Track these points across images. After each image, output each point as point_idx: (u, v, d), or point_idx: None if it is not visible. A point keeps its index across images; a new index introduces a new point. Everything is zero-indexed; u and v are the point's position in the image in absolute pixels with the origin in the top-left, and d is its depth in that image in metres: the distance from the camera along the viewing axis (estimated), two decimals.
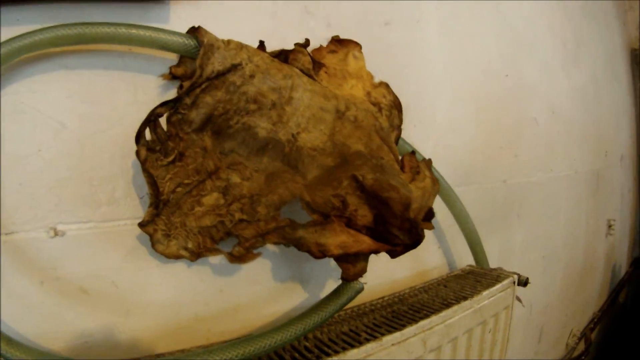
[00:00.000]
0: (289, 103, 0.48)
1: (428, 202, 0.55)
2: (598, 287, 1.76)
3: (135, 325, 0.50)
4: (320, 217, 0.50)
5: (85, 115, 0.46)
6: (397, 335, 0.53)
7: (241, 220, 0.48)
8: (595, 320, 1.68)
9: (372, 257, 0.54)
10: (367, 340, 0.51)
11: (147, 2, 0.49)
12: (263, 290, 0.58)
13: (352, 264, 0.50)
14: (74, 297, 0.47)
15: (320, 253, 0.48)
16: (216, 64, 0.46)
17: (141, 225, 0.47)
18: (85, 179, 0.47)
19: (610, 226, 1.72)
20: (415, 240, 0.51)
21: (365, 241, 0.50)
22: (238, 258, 0.49)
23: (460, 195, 0.77)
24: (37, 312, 0.45)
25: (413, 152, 0.59)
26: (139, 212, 0.49)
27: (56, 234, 0.46)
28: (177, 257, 0.48)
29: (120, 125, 0.47)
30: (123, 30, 0.44)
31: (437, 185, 0.57)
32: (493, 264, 0.85)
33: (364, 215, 0.51)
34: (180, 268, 0.52)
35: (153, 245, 0.47)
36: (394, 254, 0.52)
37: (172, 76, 0.48)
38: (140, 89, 0.49)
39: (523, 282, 0.76)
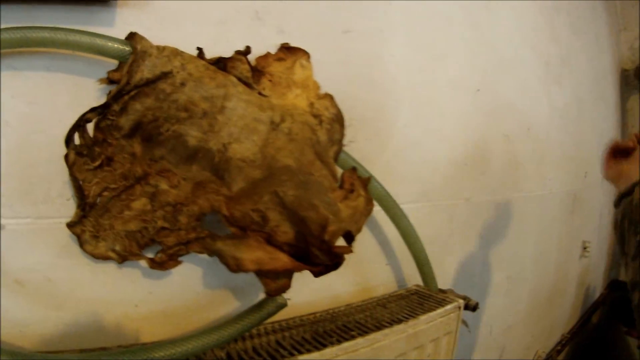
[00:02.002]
0: (221, 112, 0.48)
1: (358, 222, 0.55)
2: (569, 309, 1.76)
3: (67, 319, 0.51)
4: (239, 231, 0.50)
5: (27, 115, 0.47)
6: (315, 355, 0.52)
7: (163, 228, 0.49)
8: (564, 342, 1.68)
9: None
10: (283, 357, 0.50)
11: (94, 6, 0.49)
12: (194, 296, 0.58)
13: (272, 280, 0.50)
14: (11, 288, 0.48)
15: (236, 267, 0.48)
16: (145, 71, 0.46)
17: (69, 225, 0.47)
18: (25, 176, 0.47)
19: (585, 248, 1.72)
20: (335, 262, 0.51)
21: (282, 259, 0.49)
22: (159, 264, 0.49)
23: (415, 213, 0.77)
24: None
25: (354, 169, 0.59)
26: (73, 212, 0.49)
27: None
28: (105, 258, 0.49)
29: (59, 126, 0.48)
30: (61, 35, 0.45)
31: (371, 205, 0.57)
32: (449, 284, 0.85)
33: (285, 232, 0.51)
34: (111, 268, 0.53)
35: (81, 246, 0.48)
36: (315, 274, 0.52)
37: (109, 81, 0.48)
38: (81, 92, 0.49)
39: (472, 307, 0.75)
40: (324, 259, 0.50)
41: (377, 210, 0.70)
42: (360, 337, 0.58)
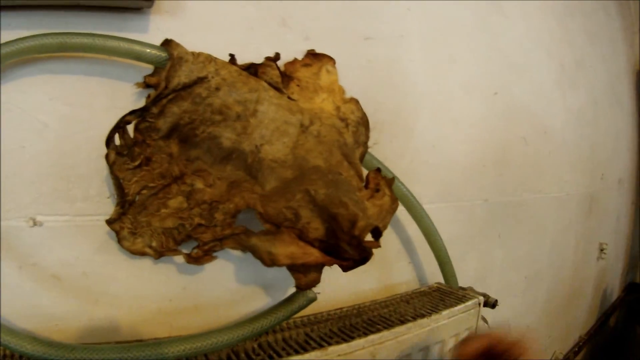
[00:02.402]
0: (254, 115, 0.51)
1: (384, 219, 0.57)
2: (586, 311, 1.75)
3: (102, 314, 0.53)
4: (273, 227, 0.52)
5: (65, 116, 0.49)
6: (343, 347, 0.54)
7: (199, 225, 0.51)
8: (581, 343, 1.67)
9: (337, 267, 0.56)
10: (313, 349, 0.52)
11: (129, 13, 0.51)
12: (225, 291, 0.60)
13: (303, 274, 0.52)
14: (48, 283, 0.50)
15: (271, 262, 0.50)
16: (182, 76, 0.48)
17: (108, 222, 0.50)
18: (64, 175, 0.50)
19: (602, 250, 1.71)
20: (363, 257, 0.53)
21: (314, 254, 0.51)
22: (195, 259, 0.51)
23: (436, 213, 0.79)
24: (14, 294, 0.48)
25: (378, 170, 0.61)
26: (110, 209, 0.51)
27: (35, 224, 0.49)
28: (142, 254, 0.51)
29: (97, 128, 0.50)
30: (100, 41, 0.47)
31: (396, 204, 0.59)
32: (468, 282, 0.86)
33: (316, 228, 0.52)
34: (146, 264, 0.55)
35: (119, 242, 0.50)
36: (344, 268, 0.54)
37: (146, 85, 0.50)
38: (117, 95, 0.51)
39: (491, 304, 0.77)
40: (353, 253, 0.52)
41: (400, 210, 0.71)
42: (385, 330, 0.60)
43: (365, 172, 0.61)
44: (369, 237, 0.56)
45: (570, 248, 1.48)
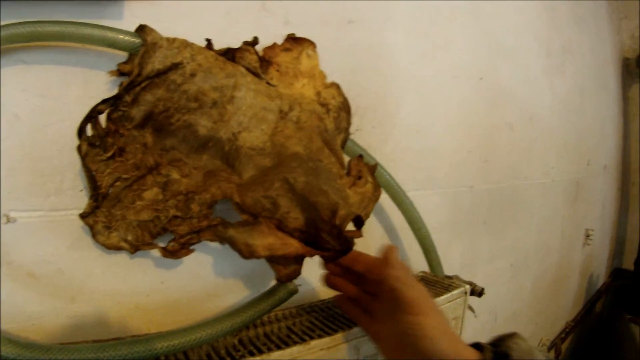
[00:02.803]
0: (230, 102, 0.49)
1: (367, 207, 0.56)
2: (572, 297, 1.78)
3: (80, 311, 0.52)
4: (250, 218, 0.50)
5: (38, 108, 0.47)
6: (326, 341, 0.53)
7: (175, 217, 0.49)
8: (567, 330, 1.69)
9: (318, 258, 0.55)
10: (295, 343, 0.51)
11: (103, 0, 0.49)
12: (205, 285, 0.59)
13: (283, 266, 0.51)
14: (23, 281, 0.48)
15: (249, 253, 0.49)
16: (156, 62, 0.46)
17: (82, 216, 0.48)
18: (36, 169, 0.48)
19: (588, 236, 1.73)
20: (345, 248, 0.52)
21: (293, 244, 0.50)
22: (172, 253, 0.50)
23: (420, 200, 0.78)
24: None
25: (360, 156, 0.59)
26: (85, 203, 0.50)
27: (9, 220, 0.47)
28: (118, 248, 0.49)
29: (70, 118, 0.48)
30: (72, 28, 0.45)
31: (379, 191, 0.58)
32: (454, 270, 0.86)
33: (296, 217, 0.51)
34: (123, 259, 0.53)
35: (94, 236, 0.48)
36: (326, 259, 0.53)
37: (119, 73, 0.49)
38: (91, 85, 0.49)
39: (478, 293, 0.76)
40: (334, 243, 0.51)
41: (383, 197, 0.70)
42: None
43: (347, 159, 0.60)
44: (351, 227, 0.55)
45: (557, 234, 1.49)
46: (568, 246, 1.60)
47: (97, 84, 0.50)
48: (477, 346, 0.47)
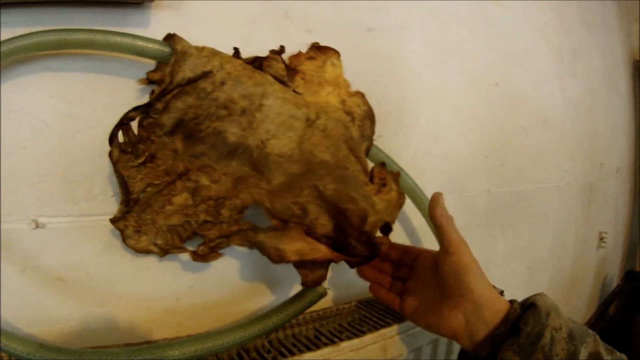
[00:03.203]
0: (259, 110, 0.50)
1: (392, 214, 0.56)
2: (587, 299, 1.76)
3: (108, 315, 0.52)
4: (280, 223, 0.51)
5: (66, 115, 0.48)
6: (355, 342, 0.54)
7: (206, 222, 0.50)
8: None
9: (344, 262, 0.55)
10: (325, 345, 0.52)
11: (129, 8, 0.50)
12: (233, 289, 0.60)
13: (310, 271, 0.52)
14: (52, 286, 0.49)
15: (278, 258, 0.50)
16: (187, 71, 0.47)
17: (112, 221, 0.49)
18: (66, 175, 0.49)
19: (602, 239, 1.72)
20: (372, 253, 0.53)
21: (322, 250, 0.51)
22: (201, 257, 0.51)
23: None
24: (18, 298, 0.48)
25: (383, 164, 0.60)
26: (114, 208, 0.51)
27: (37, 225, 0.48)
28: (147, 252, 0.50)
29: (99, 125, 0.49)
30: (100, 37, 0.46)
31: (403, 199, 0.58)
32: None
33: (324, 224, 0.52)
34: (151, 264, 0.54)
35: (124, 240, 0.49)
36: (352, 264, 0.53)
37: (148, 81, 0.50)
38: (119, 92, 0.51)
39: None
40: (362, 249, 0.52)
41: (407, 202, 0.71)
42: (396, 323, 0.59)
43: (371, 165, 0.61)
44: (378, 233, 0.56)
45: (571, 237, 1.49)
46: (582, 249, 1.59)
47: (125, 92, 0.51)
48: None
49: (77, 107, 0.49)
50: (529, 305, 0.47)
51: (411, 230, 0.80)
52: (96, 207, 0.51)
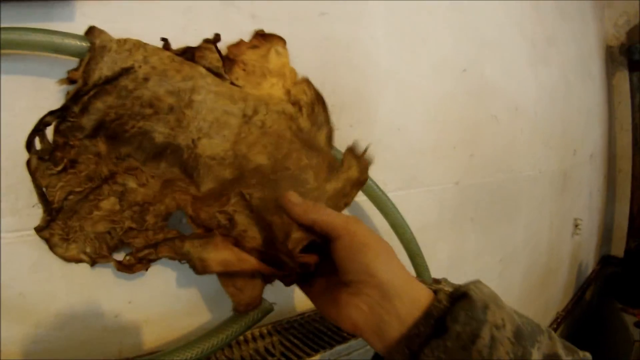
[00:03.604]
0: (189, 106, 0.45)
1: (349, 195, 0.52)
2: (562, 287, 1.77)
3: (46, 336, 0.48)
4: (205, 231, 0.47)
5: None
6: None
7: (131, 229, 0.46)
8: (559, 319, 1.69)
9: None
10: None
11: (55, 1, 0.45)
12: (175, 302, 0.56)
13: (239, 290, 0.47)
14: None
15: (202, 269, 0.45)
16: (104, 69, 0.42)
17: (37, 230, 0.45)
18: None
19: (576, 225, 1.72)
20: (304, 270, 0.46)
21: (249, 261, 0.46)
22: (127, 267, 0.46)
23: (403, 200, 0.75)
24: None
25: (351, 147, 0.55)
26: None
27: None
28: (78, 260, 0.46)
29: (21, 131, 0.44)
30: (16, 35, 0.41)
31: (365, 175, 0.52)
32: (442, 271, 0.83)
33: (254, 237, 0.47)
34: (86, 279, 0.50)
35: (52, 249, 0.45)
36: (286, 282, 0.48)
37: (69, 81, 0.45)
38: (42, 94, 0.45)
39: None
40: (294, 266, 0.46)
41: (363, 200, 0.67)
42: (353, 339, 0.54)
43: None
44: None
45: (545, 226, 1.48)
46: (557, 237, 1.59)
47: (49, 93, 0.46)
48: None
49: None
50: (459, 297, 0.36)
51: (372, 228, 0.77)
52: (22, 222, 0.46)
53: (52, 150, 0.43)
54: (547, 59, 1.38)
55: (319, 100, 0.55)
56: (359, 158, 0.53)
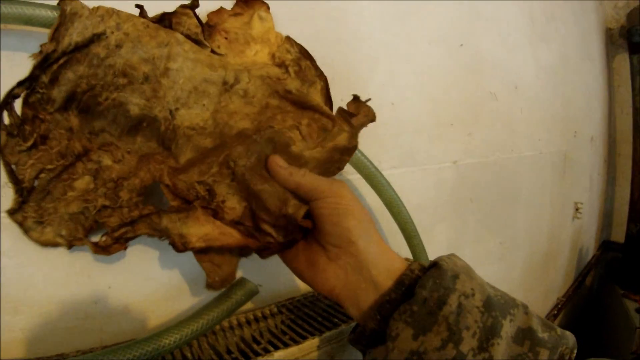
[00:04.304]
0: (165, 75, 0.42)
1: (339, 162, 0.48)
2: (563, 272, 1.75)
3: (24, 324, 0.46)
4: (183, 203, 0.44)
5: None
6: (293, 350, 0.46)
7: (105, 207, 0.43)
8: (560, 305, 1.67)
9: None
10: (257, 355, 0.45)
11: None
12: (158, 287, 0.53)
13: (216, 265, 0.45)
14: None
15: (182, 246, 0.43)
16: (75, 35, 0.39)
17: (9, 213, 0.43)
18: None
19: (577, 209, 1.70)
20: (290, 239, 0.45)
21: (233, 234, 0.44)
22: (103, 248, 0.44)
23: (399, 179, 0.72)
24: None
25: (355, 97, 0.51)
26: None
27: None
28: (54, 244, 0.44)
29: None
30: None
31: (355, 142, 0.49)
32: (440, 254, 0.80)
33: (233, 207, 0.45)
34: (63, 263, 0.47)
35: (26, 233, 0.43)
36: (264, 254, 0.46)
37: (41, 54, 0.42)
38: (16, 69, 0.42)
39: None
40: (278, 236, 0.45)
41: (357, 178, 0.64)
42: (344, 324, 0.52)
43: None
44: None
45: (546, 209, 1.45)
46: (558, 220, 1.56)
47: (22, 68, 0.43)
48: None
49: None
50: (430, 266, 0.38)
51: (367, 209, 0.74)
52: None
53: (21, 124, 0.41)
54: (546, 36, 1.34)
55: (305, 55, 0.51)
56: (350, 122, 0.50)
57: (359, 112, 0.51)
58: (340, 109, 0.50)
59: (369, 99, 0.52)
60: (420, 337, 0.34)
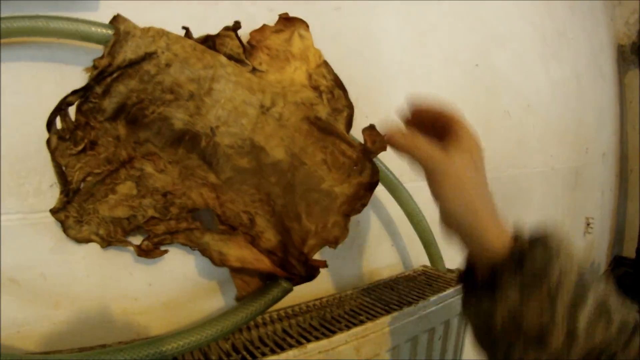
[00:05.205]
0: (209, 94, 0.46)
1: (363, 198, 0.53)
2: None
3: (65, 317, 0.50)
4: (229, 229, 0.49)
5: (13, 106, 0.45)
6: (324, 343, 0.50)
7: (153, 218, 0.47)
8: None
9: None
10: (291, 347, 0.48)
11: None
12: (194, 286, 0.57)
13: (246, 283, 0.51)
14: (5, 288, 0.46)
15: (220, 262, 0.48)
16: (129, 52, 0.44)
17: (53, 211, 0.46)
18: (14, 170, 0.46)
19: (588, 224, 1.70)
20: (309, 275, 0.52)
21: (265, 262, 0.50)
22: (145, 252, 0.48)
23: (418, 192, 0.74)
24: None
25: (372, 127, 0.53)
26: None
27: None
28: (88, 241, 0.48)
29: (46, 116, 0.45)
30: (42, 23, 0.42)
31: (376, 177, 0.53)
32: (456, 263, 0.83)
33: (269, 239, 0.50)
34: (107, 261, 0.51)
35: (65, 231, 0.46)
36: (291, 282, 0.53)
37: (95, 68, 0.46)
38: (67, 80, 0.47)
39: None
40: (300, 270, 0.50)
41: (380, 190, 0.67)
42: (369, 321, 0.55)
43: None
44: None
45: (557, 223, 1.47)
46: (569, 235, 1.57)
47: (74, 80, 0.47)
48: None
49: (23, 98, 0.45)
50: (536, 239, 0.40)
51: (387, 219, 0.77)
52: (46, 203, 0.47)
53: (73, 129, 0.44)
54: (557, 54, 1.37)
55: (338, 83, 0.55)
56: (371, 159, 0.54)
57: (373, 141, 0.54)
58: (365, 148, 0.54)
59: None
60: (524, 299, 0.38)
